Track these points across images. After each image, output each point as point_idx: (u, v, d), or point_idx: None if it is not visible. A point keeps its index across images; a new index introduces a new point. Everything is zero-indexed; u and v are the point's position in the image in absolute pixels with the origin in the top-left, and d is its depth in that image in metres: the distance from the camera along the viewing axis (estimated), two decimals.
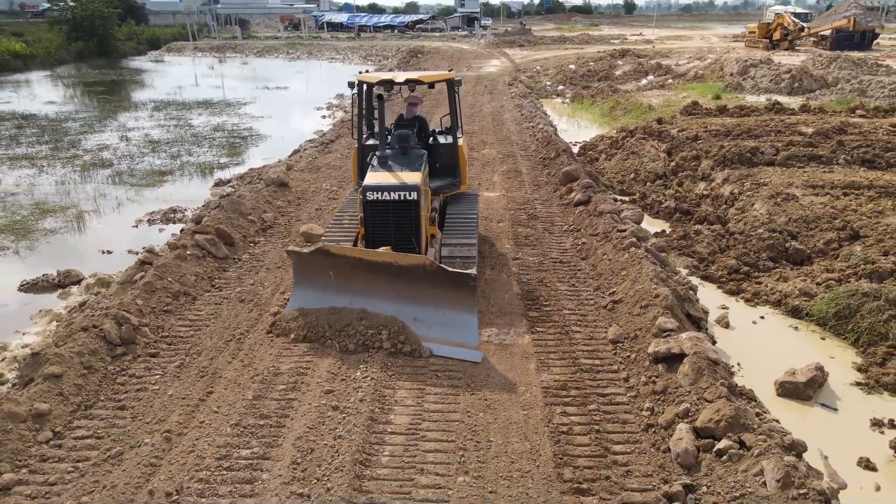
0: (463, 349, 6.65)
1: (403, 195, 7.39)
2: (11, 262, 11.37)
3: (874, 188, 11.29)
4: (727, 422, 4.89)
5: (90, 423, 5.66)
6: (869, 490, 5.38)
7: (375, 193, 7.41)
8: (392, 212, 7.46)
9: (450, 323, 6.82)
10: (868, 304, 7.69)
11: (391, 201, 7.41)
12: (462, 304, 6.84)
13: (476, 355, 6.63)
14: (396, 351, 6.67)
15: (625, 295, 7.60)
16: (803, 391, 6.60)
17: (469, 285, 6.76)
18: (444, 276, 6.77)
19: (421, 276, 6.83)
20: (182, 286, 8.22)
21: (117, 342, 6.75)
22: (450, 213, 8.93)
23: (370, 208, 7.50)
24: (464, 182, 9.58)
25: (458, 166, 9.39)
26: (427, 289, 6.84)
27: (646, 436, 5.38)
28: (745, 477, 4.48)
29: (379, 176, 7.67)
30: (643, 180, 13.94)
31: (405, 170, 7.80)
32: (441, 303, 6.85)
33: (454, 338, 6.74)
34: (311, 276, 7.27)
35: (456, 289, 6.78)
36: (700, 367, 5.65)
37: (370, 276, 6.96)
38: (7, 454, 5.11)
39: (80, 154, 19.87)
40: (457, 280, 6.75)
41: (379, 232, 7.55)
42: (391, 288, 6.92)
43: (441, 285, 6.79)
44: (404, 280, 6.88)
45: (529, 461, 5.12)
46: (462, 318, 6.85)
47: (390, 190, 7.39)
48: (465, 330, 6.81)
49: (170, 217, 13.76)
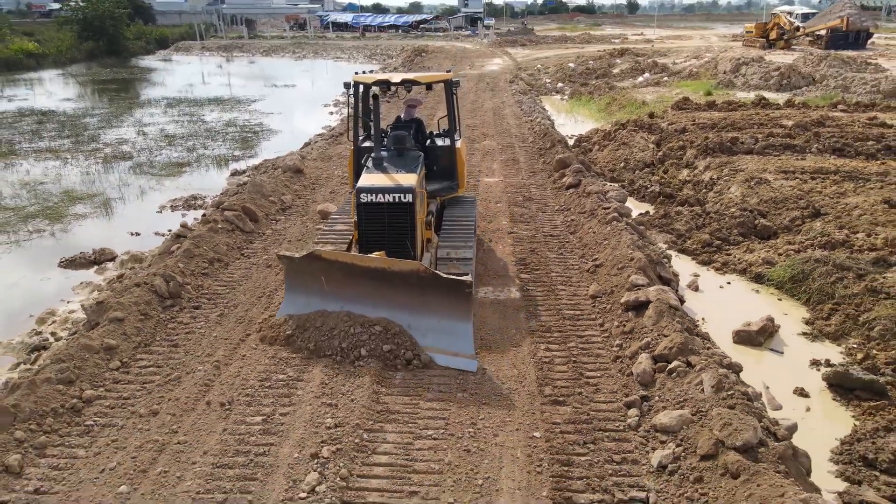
0: (457, 358, 6.50)
1: (398, 197, 7.15)
2: (48, 243, 12.41)
3: (840, 173, 12.36)
4: (678, 348, 5.98)
5: (150, 356, 6.78)
6: (800, 411, 6.46)
7: (369, 195, 7.18)
8: (386, 215, 7.24)
9: (444, 331, 6.64)
10: (819, 269, 8.77)
11: (385, 203, 7.17)
12: (457, 312, 6.64)
13: (471, 364, 6.48)
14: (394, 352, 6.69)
15: (605, 260, 8.70)
16: (755, 338, 7.69)
17: (464, 292, 6.55)
18: (438, 283, 6.58)
19: (415, 282, 6.65)
20: (216, 254, 9.34)
21: (166, 295, 7.87)
22: (447, 218, 8.75)
23: (364, 211, 7.27)
24: (462, 185, 9.35)
25: (457, 169, 9.16)
26: (421, 295, 6.67)
27: (614, 365, 6.48)
28: (688, 387, 5.57)
29: (373, 177, 7.45)
30: (632, 168, 15.02)
31: (401, 171, 7.58)
32: (435, 310, 6.66)
33: (449, 346, 6.57)
34: (303, 281, 7.14)
35: (451, 296, 6.58)
36: (661, 310, 6.74)
37: (363, 282, 6.79)
38: (87, 377, 6.22)
39: (100, 147, 20.93)
40: (452, 287, 6.55)
41: (373, 235, 7.34)
42: (384, 294, 6.75)
43: (435, 292, 6.61)
44: (398, 286, 6.70)
45: (516, 382, 6.22)
46: (457, 325, 6.64)
47: (385, 192, 7.15)
48: (460, 338, 6.61)
49: (190, 203, 14.78)
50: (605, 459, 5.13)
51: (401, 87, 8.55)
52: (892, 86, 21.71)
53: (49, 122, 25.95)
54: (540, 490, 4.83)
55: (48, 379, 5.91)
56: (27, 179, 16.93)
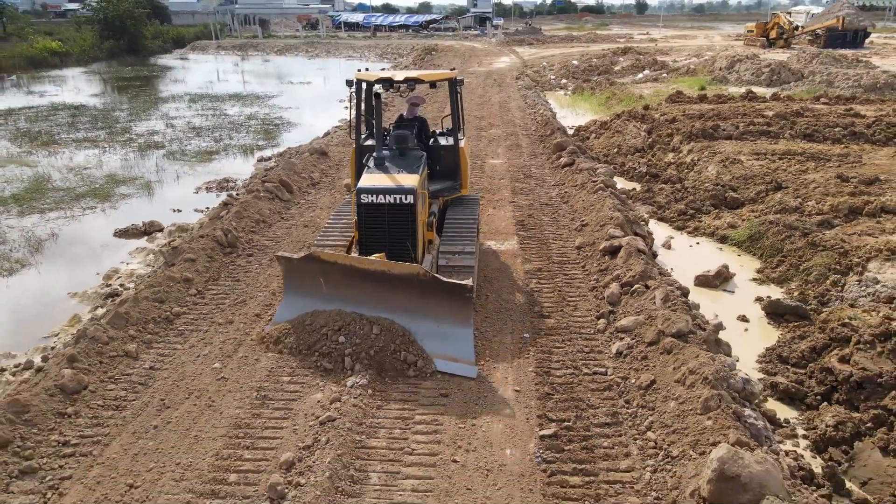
0: (457, 363, 6.41)
1: (399, 198, 7.05)
2: (100, 217, 14.00)
3: (805, 155, 13.93)
4: (639, 275, 7.60)
5: (219, 287, 8.48)
6: (739, 331, 8.04)
7: (370, 196, 7.08)
8: (387, 216, 7.15)
9: (444, 335, 6.57)
10: (772, 230, 10.36)
11: (386, 205, 7.08)
12: (457, 316, 6.58)
13: (471, 370, 6.38)
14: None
15: (590, 220, 10.33)
16: (712, 281, 9.29)
17: (465, 296, 6.52)
18: (438, 287, 6.51)
19: (414, 285, 6.58)
20: (260, 216, 11.03)
21: (225, 244, 9.57)
22: (449, 218, 8.67)
23: (364, 212, 7.17)
24: (465, 186, 9.27)
25: (460, 169, 9.08)
26: (421, 299, 6.60)
27: (591, 293, 8.13)
28: (644, 301, 7.19)
29: (374, 178, 7.34)
30: (624, 153, 16.61)
31: (402, 172, 7.48)
32: (435, 314, 6.60)
33: (448, 351, 6.48)
34: (302, 283, 7.12)
35: (451, 300, 6.53)
36: (630, 251, 8.37)
37: (362, 284, 6.72)
38: (173, 299, 7.91)
39: (133, 138, 22.65)
40: (452, 291, 6.49)
41: (373, 237, 7.25)
42: (383, 297, 6.69)
43: (435, 296, 6.54)
44: (397, 289, 6.63)
45: (512, 304, 7.88)
46: (457, 330, 6.58)
47: (386, 193, 7.06)
48: (461, 343, 6.54)
49: (223, 186, 16.40)
50: (577, 350, 6.78)
51: (404, 85, 8.36)
52: (872, 80, 23.20)
53: (82, 115, 27.68)
54: (527, 368, 6.49)
55: (146, 297, 7.61)
56: (72, 165, 18.61)
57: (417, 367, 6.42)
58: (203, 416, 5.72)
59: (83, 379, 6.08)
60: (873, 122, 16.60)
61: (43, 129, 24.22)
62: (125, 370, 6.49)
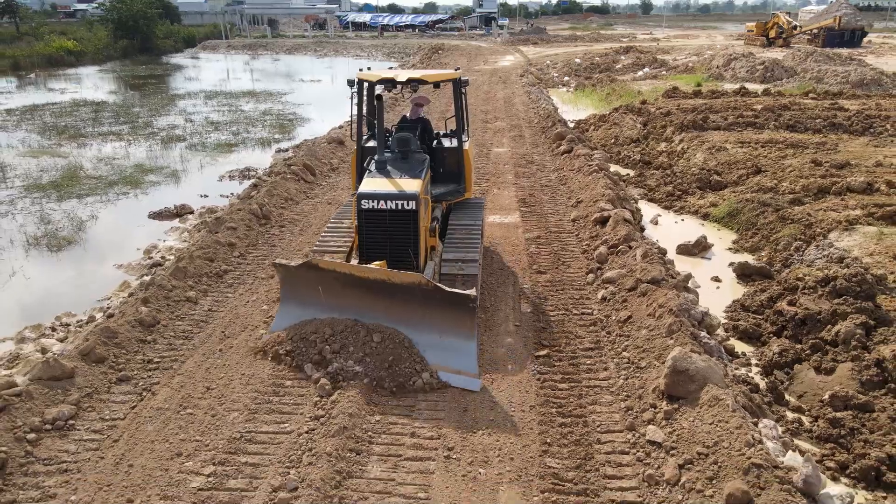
0: (460, 376, 6.22)
1: (401, 204, 6.87)
2: (133, 202, 15.16)
3: (786, 143, 15.11)
4: (623, 238, 8.83)
5: (258, 251, 9.76)
6: (712, 289, 9.23)
7: (371, 202, 6.90)
8: (388, 222, 6.96)
9: (447, 347, 6.36)
10: (748, 207, 11.55)
11: (388, 211, 6.89)
12: (460, 327, 6.36)
13: (475, 383, 6.18)
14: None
15: (585, 198, 11.55)
16: (692, 250, 10.49)
17: (468, 307, 6.27)
18: (440, 296, 6.29)
19: (416, 294, 6.38)
20: (288, 195, 12.28)
21: (260, 216, 10.83)
22: (452, 224, 8.44)
23: (365, 218, 6.99)
24: (469, 189, 9.06)
25: (464, 172, 8.88)
26: (422, 309, 6.40)
27: (583, 255, 9.37)
28: (627, 258, 8.40)
29: (376, 182, 7.15)
30: (621, 144, 17.80)
31: (404, 176, 7.27)
32: (437, 324, 6.39)
33: (451, 363, 6.27)
34: (300, 291, 6.93)
35: (454, 310, 6.30)
36: (618, 220, 9.59)
37: (361, 294, 6.53)
38: (220, 259, 9.16)
39: (155, 131, 23.91)
40: (455, 301, 6.26)
41: (374, 244, 7.06)
42: (384, 306, 6.49)
43: (438, 306, 6.33)
44: (398, 298, 6.44)
45: (514, 263, 9.12)
46: (460, 342, 6.37)
47: (387, 198, 6.87)
48: (464, 355, 6.33)
49: (245, 174, 17.59)
50: (568, 297, 8.01)
51: (406, 86, 8.13)
52: (859, 77, 24.34)
53: (103, 111, 28.97)
54: (526, 310, 7.72)
55: (199, 256, 8.87)
56: (101, 156, 19.87)
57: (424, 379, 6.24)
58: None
59: (156, 315, 7.34)
60: (853, 114, 17.77)
61: (68, 123, 25.49)
62: (188, 311, 7.75)
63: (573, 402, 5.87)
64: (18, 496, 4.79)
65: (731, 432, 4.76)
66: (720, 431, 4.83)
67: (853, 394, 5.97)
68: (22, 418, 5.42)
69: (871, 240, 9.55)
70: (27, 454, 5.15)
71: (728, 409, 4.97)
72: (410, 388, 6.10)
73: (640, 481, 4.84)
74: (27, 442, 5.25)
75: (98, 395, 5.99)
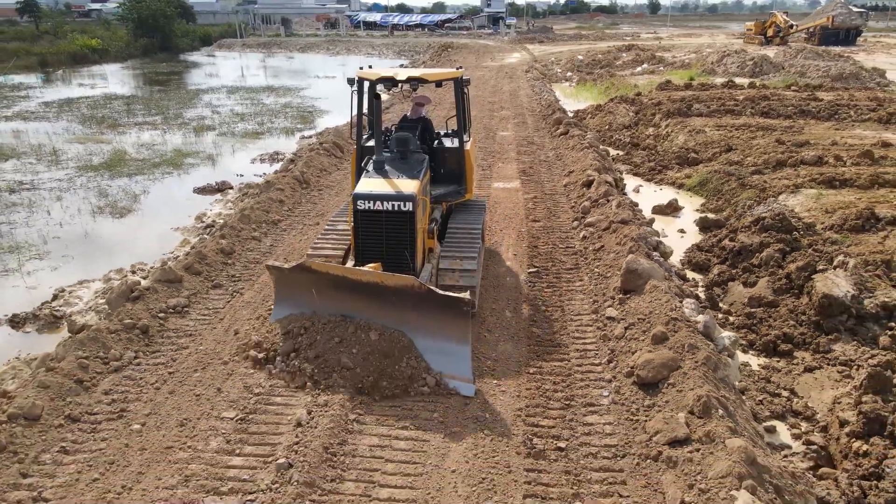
0: (454, 381, 6.17)
1: (398, 206, 6.78)
2: (177, 180, 17.13)
3: (757, 127, 17.07)
4: (603, 193, 10.86)
5: (303, 207, 11.83)
6: (678, 238, 11.21)
7: (367, 202, 6.82)
8: (385, 224, 6.87)
9: (440, 351, 6.30)
10: (716, 177, 13.54)
11: (384, 212, 6.80)
12: (454, 331, 6.27)
13: (469, 389, 6.13)
14: None
15: (576, 168, 13.58)
16: (665, 210, 12.48)
17: (462, 311, 6.19)
18: (434, 300, 6.22)
19: (409, 298, 6.29)
20: (322, 167, 14.38)
21: (301, 181, 12.91)
22: (452, 225, 8.33)
23: (361, 219, 6.91)
24: (469, 190, 8.95)
25: (465, 173, 8.76)
26: (416, 312, 6.33)
27: (570, 209, 11.41)
28: (606, 209, 10.41)
29: (372, 183, 7.08)
30: (614, 129, 19.80)
31: (402, 177, 7.19)
32: (431, 329, 6.33)
33: (445, 368, 6.23)
34: (294, 294, 6.88)
35: (448, 314, 6.23)
36: (601, 182, 11.62)
37: (355, 297, 6.46)
38: (273, 212, 11.23)
39: (187, 122, 25.96)
40: (449, 304, 6.18)
41: (370, 245, 7.00)
42: (378, 310, 6.42)
43: (431, 309, 6.27)
44: (392, 302, 6.36)
45: (514, 215, 11.15)
46: (453, 346, 6.28)
47: (384, 199, 6.79)
48: (458, 360, 6.26)
49: (274, 157, 19.61)
50: (556, 237, 10.06)
51: (406, 84, 8.06)
52: (838, 71, 26.25)
53: (134, 104, 31.08)
54: (522, 245, 9.78)
55: (256, 209, 10.96)
56: (141, 142, 21.93)
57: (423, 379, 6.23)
58: None
59: (233, 246, 9.42)
60: (825, 103, 19.71)
61: (104, 114, 27.61)
62: (255, 245, 9.84)
63: (555, 299, 7.92)
64: (161, 348, 6.87)
65: (661, 305, 6.79)
66: (655, 305, 6.85)
67: (765, 296, 7.98)
68: (152, 304, 7.51)
69: (810, 199, 11.53)
70: (161, 325, 7.24)
71: (662, 292, 6.99)
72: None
73: (597, 339, 6.90)
74: (159, 318, 7.34)
75: (200, 294, 8.08)
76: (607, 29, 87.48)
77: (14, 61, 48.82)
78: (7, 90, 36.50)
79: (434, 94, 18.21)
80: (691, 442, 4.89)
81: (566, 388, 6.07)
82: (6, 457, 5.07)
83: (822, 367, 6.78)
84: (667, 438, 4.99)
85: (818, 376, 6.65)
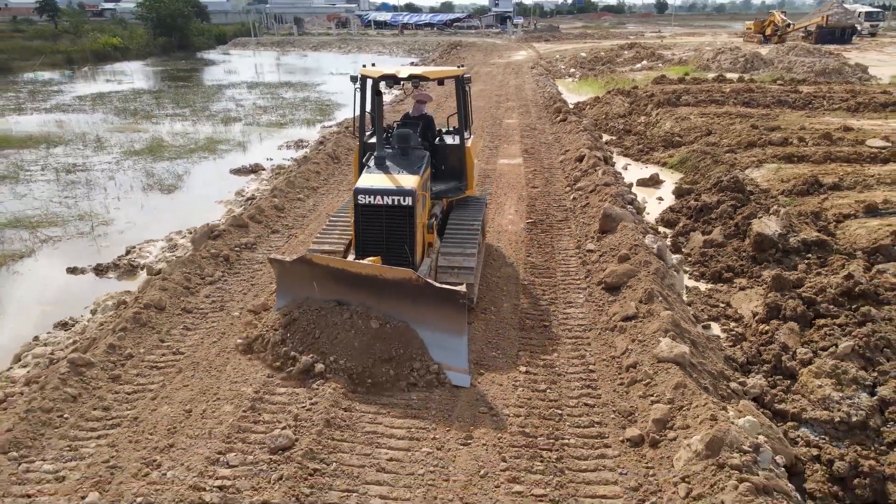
0: (451, 372, 6.34)
1: (398, 200, 6.92)
2: (213, 163, 19.14)
3: (737, 114, 18.98)
4: (592, 164, 12.85)
5: (336, 178, 13.85)
6: (657, 204, 13.15)
7: (367, 197, 6.96)
8: (385, 218, 7.03)
9: (437, 343, 6.47)
10: (694, 155, 15.48)
11: (384, 206, 6.95)
12: (450, 323, 6.43)
13: (464, 380, 6.29)
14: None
15: (572, 148, 15.56)
16: (647, 182, 14.43)
17: (459, 303, 6.33)
18: (431, 292, 6.41)
19: (407, 290, 6.47)
20: (349, 146, 16.38)
21: (334, 157, 14.94)
22: (451, 221, 8.48)
23: (361, 213, 7.06)
24: (470, 187, 9.09)
25: (465, 170, 8.91)
26: (413, 305, 6.51)
27: (565, 179, 13.38)
28: (594, 176, 12.38)
29: (373, 178, 7.22)
30: (610, 118, 21.74)
31: (403, 172, 7.32)
32: (428, 320, 6.51)
33: (441, 359, 6.39)
34: (295, 286, 7.03)
35: (444, 306, 6.38)
36: (591, 156, 13.60)
37: (355, 289, 6.64)
38: (312, 180, 13.23)
39: (213, 114, 28.00)
40: (445, 297, 6.35)
41: (370, 239, 7.15)
42: (376, 302, 6.60)
43: (428, 302, 6.44)
44: (390, 294, 6.54)
45: (515, 182, 13.15)
46: (450, 338, 6.44)
47: (384, 194, 6.93)
48: (454, 351, 6.42)
49: (299, 144, 21.58)
50: (551, 199, 12.05)
51: (408, 82, 8.07)
52: (822, 67, 28.08)
53: (162, 98, 33.17)
54: (522, 204, 11.76)
55: (298, 177, 12.98)
56: (174, 131, 23.96)
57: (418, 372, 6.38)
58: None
59: (284, 204, 11.46)
60: (803, 95, 21.60)
61: (136, 107, 29.71)
62: (300, 204, 11.89)
63: (547, 240, 9.94)
64: (240, 271, 8.91)
65: (628, 238, 8.78)
66: (624, 239, 8.84)
67: (717, 239, 9.95)
68: (228, 242, 9.56)
69: (770, 172, 13.48)
70: (237, 256, 9.29)
71: (630, 230, 8.98)
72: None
73: (579, 265, 8.92)
74: (235, 251, 9.38)
75: (263, 237, 10.14)
76: (613, 28, 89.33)
77: (42, 59, 51.18)
78: (39, 86, 38.78)
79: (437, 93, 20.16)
80: (638, 318, 6.87)
81: (552, 293, 8.08)
82: (146, 331, 7.11)
83: (752, 287, 8.74)
84: (620, 316, 6.98)
85: (749, 294, 8.61)
